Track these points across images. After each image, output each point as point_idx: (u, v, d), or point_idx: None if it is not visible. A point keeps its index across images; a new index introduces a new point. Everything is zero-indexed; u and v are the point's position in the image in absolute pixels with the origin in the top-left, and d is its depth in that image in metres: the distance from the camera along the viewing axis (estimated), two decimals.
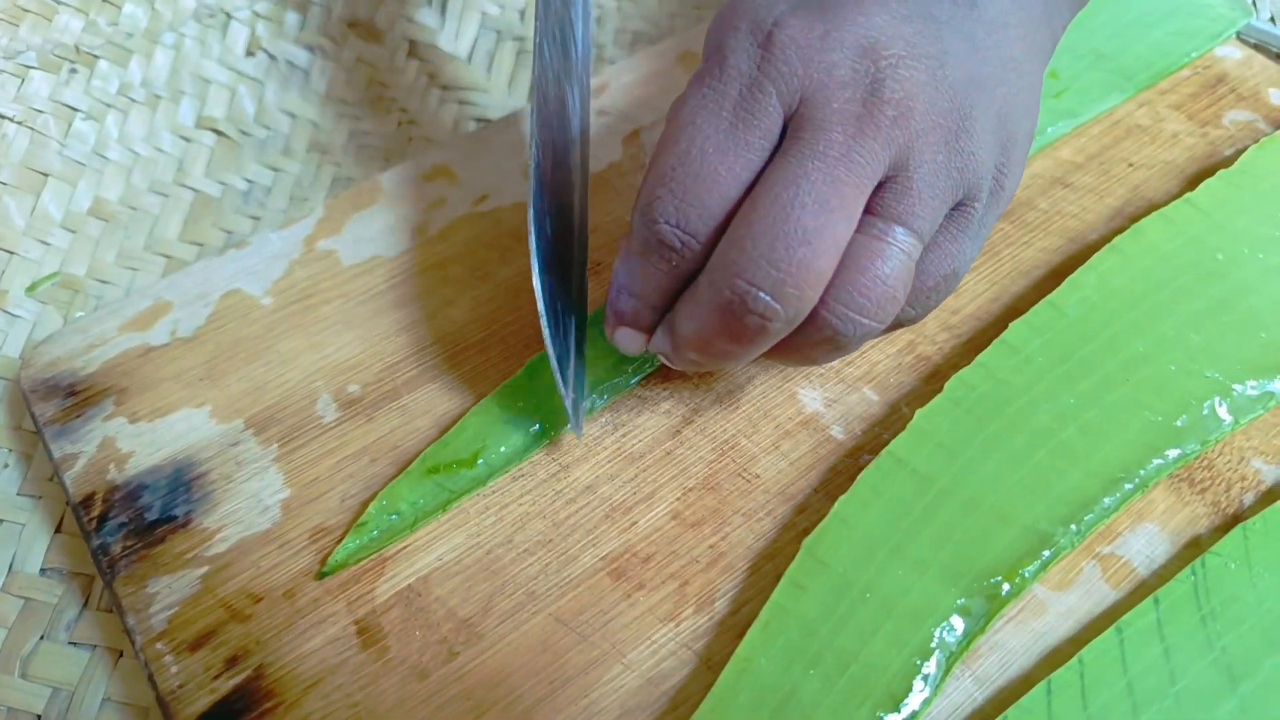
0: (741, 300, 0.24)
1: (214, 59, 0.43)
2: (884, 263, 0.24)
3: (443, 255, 0.36)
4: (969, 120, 0.25)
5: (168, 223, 0.40)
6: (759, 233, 0.24)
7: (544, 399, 0.32)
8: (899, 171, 0.25)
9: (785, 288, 0.24)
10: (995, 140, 0.26)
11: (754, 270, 0.24)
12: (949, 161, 0.25)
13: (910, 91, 0.24)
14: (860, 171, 0.24)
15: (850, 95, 0.24)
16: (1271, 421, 0.32)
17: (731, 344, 0.26)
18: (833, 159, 0.24)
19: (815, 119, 0.24)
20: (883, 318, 0.25)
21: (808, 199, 0.23)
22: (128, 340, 0.34)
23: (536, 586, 0.29)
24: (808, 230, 0.23)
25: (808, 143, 0.24)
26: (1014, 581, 0.28)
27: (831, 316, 0.25)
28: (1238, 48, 0.44)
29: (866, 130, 0.24)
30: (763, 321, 0.24)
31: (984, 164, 0.26)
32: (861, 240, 0.25)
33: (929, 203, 0.25)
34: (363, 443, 0.32)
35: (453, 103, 0.45)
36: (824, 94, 0.24)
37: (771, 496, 0.31)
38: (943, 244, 0.26)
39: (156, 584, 0.29)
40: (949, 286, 0.27)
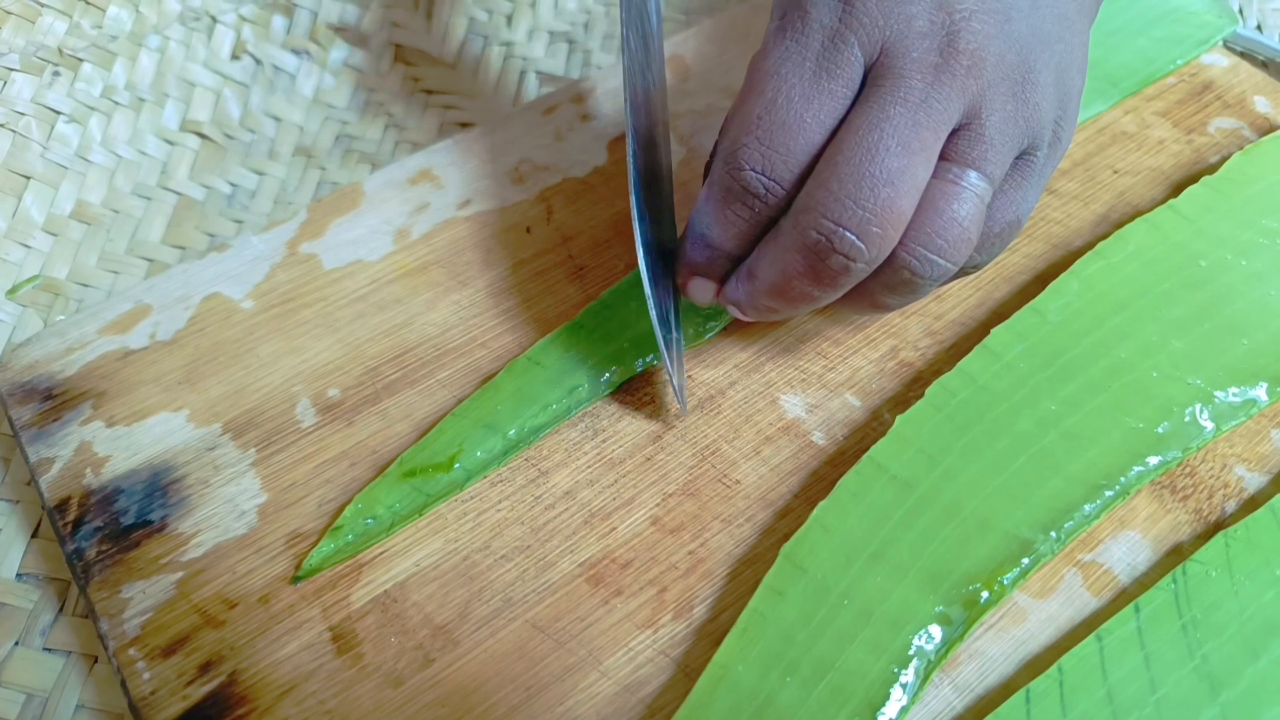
0: (828, 240, 0.25)
1: (199, 62, 0.43)
2: (960, 205, 0.26)
3: (425, 259, 0.36)
4: (1033, 73, 0.26)
5: (150, 226, 0.40)
6: (845, 174, 0.25)
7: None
8: (972, 119, 0.26)
9: (870, 227, 0.25)
10: (1055, 93, 0.27)
11: (840, 210, 0.25)
12: (1016, 111, 0.26)
13: (982, 43, 0.25)
14: (938, 117, 0.25)
15: (928, 45, 0.25)
16: (1254, 428, 0.32)
17: (814, 285, 0.26)
18: (913, 104, 0.25)
19: (896, 67, 0.25)
20: (957, 259, 0.26)
21: (891, 142, 0.25)
22: (107, 343, 0.34)
23: (514, 592, 0.29)
24: (891, 171, 0.24)
25: (889, 89, 0.25)
26: (993, 589, 0.27)
27: (910, 257, 0.26)
28: (1224, 55, 0.44)
29: (943, 78, 0.25)
30: (847, 261, 0.25)
31: (1046, 115, 0.27)
32: (938, 185, 0.26)
33: (1000, 149, 0.26)
34: (341, 447, 0.32)
35: (438, 107, 0.45)
36: (904, 44, 0.25)
37: (752, 502, 0.31)
38: (1008, 191, 0.27)
39: (130, 589, 0.29)
40: (1013, 233, 0.28)
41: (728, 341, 0.34)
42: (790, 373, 0.33)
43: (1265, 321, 0.32)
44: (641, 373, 0.33)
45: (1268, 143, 0.38)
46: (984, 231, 0.27)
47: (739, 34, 0.44)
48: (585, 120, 0.41)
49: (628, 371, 0.33)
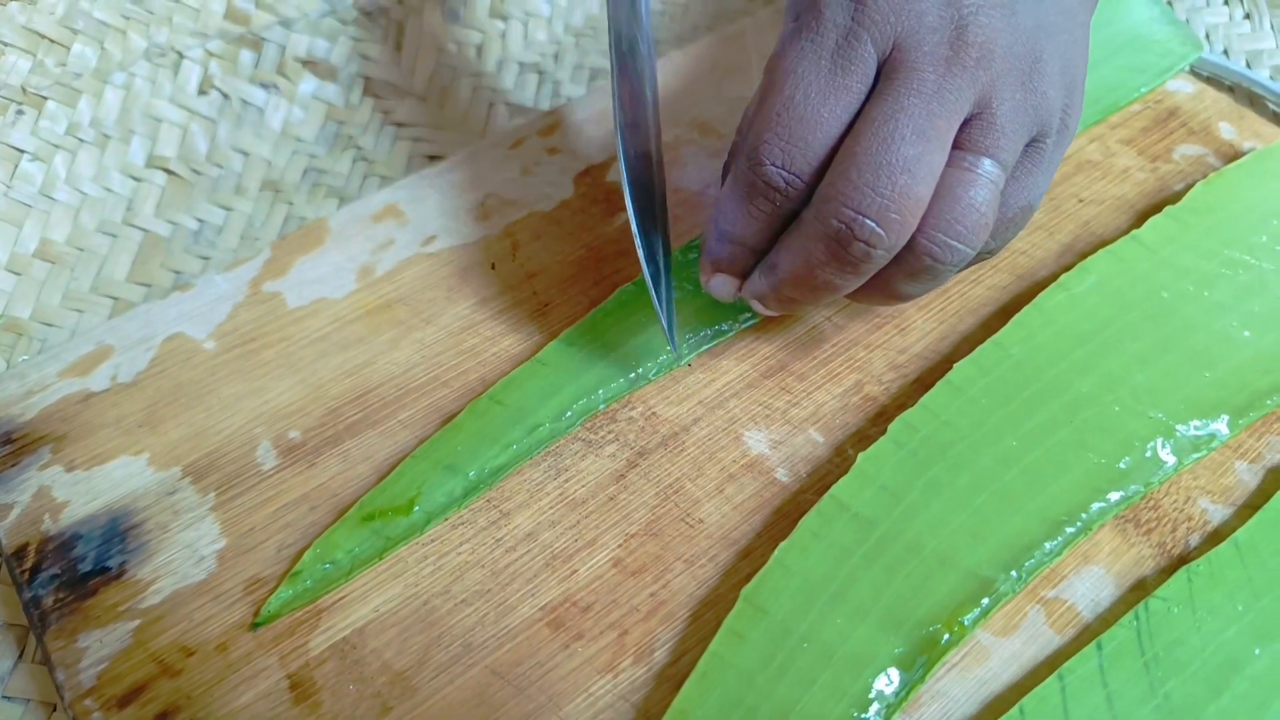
0: (849, 227, 0.26)
1: (165, 98, 0.43)
2: (976, 191, 0.27)
3: (389, 297, 0.36)
4: (1040, 63, 0.27)
5: (115, 264, 0.40)
6: (863, 164, 0.26)
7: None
8: (983, 109, 0.27)
9: (889, 213, 0.26)
10: (1062, 82, 0.28)
11: (860, 198, 0.26)
12: (1025, 100, 0.27)
13: (990, 36, 0.27)
14: (951, 106, 0.26)
15: (939, 39, 0.26)
16: (1219, 459, 0.32)
17: (837, 273, 0.27)
18: (927, 95, 0.26)
19: (908, 61, 0.26)
20: (975, 244, 0.27)
21: (907, 130, 0.26)
22: (67, 386, 0.34)
23: (473, 638, 0.29)
24: (908, 159, 0.26)
25: (903, 82, 0.26)
26: (954, 630, 0.27)
27: (931, 244, 0.27)
28: (1190, 81, 0.44)
29: (955, 70, 0.26)
30: (868, 248, 0.26)
31: (1054, 102, 0.28)
32: (953, 173, 0.27)
33: (1011, 136, 0.27)
34: (302, 490, 0.31)
35: (408, 140, 0.45)
36: (915, 38, 0.26)
37: (715, 542, 0.30)
38: (1020, 178, 0.28)
39: (87, 638, 0.29)
40: (1025, 218, 0.29)
41: (692, 378, 0.34)
42: (754, 408, 0.33)
43: (1227, 353, 0.32)
44: (604, 410, 0.33)
45: (1230, 171, 0.38)
46: (998, 218, 0.28)
47: (706, 67, 0.44)
48: (552, 154, 0.41)
49: (590, 408, 0.33)
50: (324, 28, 0.46)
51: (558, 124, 0.42)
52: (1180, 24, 0.44)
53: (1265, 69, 0.47)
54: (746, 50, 0.45)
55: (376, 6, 0.47)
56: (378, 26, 0.47)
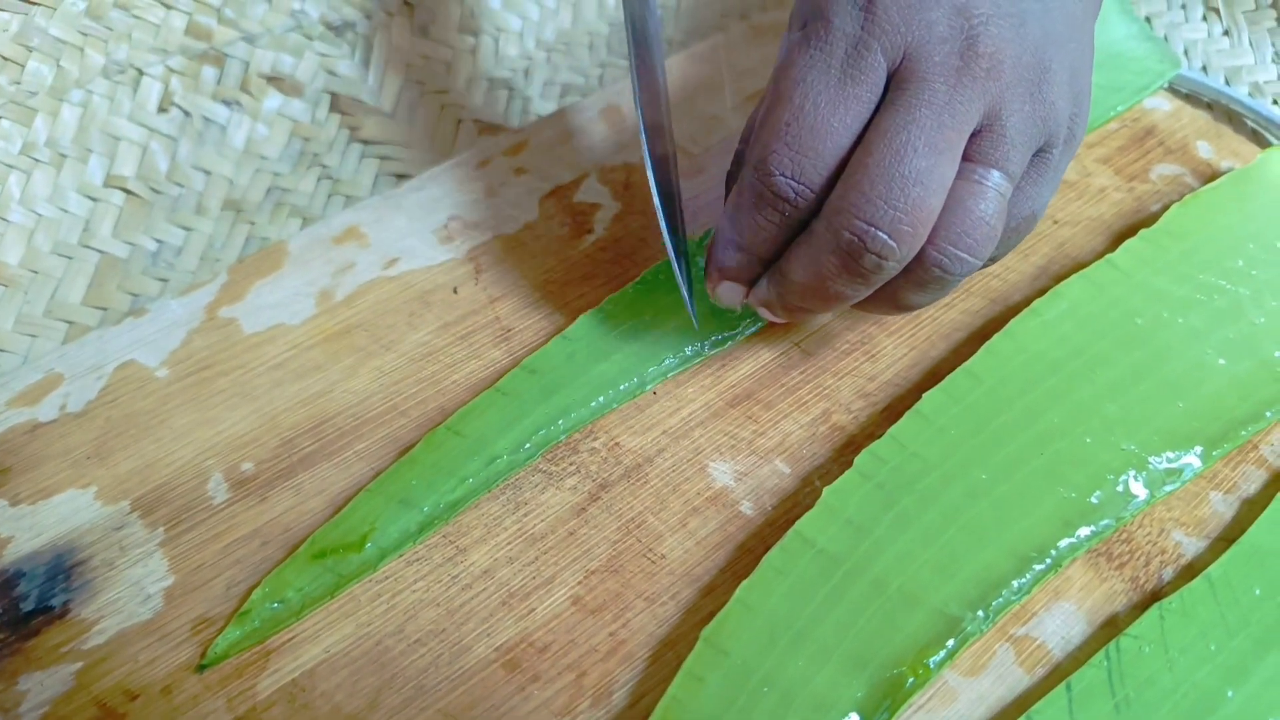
0: (861, 240, 0.26)
1: (124, 116, 0.42)
2: (985, 203, 0.27)
3: (348, 322, 0.35)
4: (1048, 73, 0.27)
5: (70, 286, 0.39)
6: (876, 176, 0.26)
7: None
8: (993, 120, 0.27)
9: (902, 226, 0.26)
10: (1070, 92, 0.28)
11: (873, 210, 0.26)
12: (1034, 111, 0.27)
13: (999, 47, 0.26)
14: (961, 118, 0.26)
15: (949, 50, 0.26)
16: (1193, 490, 0.31)
17: (847, 285, 0.27)
18: (938, 107, 0.26)
19: (919, 72, 0.26)
20: (983, 255, 0.27)
21: (919, 143, 0.26)
22: (15, 416, 0.33)
23: (426, 680, 0.28)
24: (920, 171, 0.26)
25: (915, 93, 0.26)
26: (918, 673, 0.27)
27: (941, 255, 0.27)
28: (1167, 99, 0.43)
29: (965, 81, 0.26)
30: (880, 260, 0.26)
31: (1062, 113, 0.28)
32: (962, 185, 0.27)
33: (1019, 148, 0.27)
34: (253, 525, 0.31)
35: (374, 158, 0.44)
36: (925, 49, 0.26)
37: (677, 578, 0.30)
38: (1025, 188, 0.28)
39: (28, 681, 0.28)
40: (1029, 227, 0.29)
41: (656, 406, 0.33)
42: (719, 438, 0.32)
43: (1201, 382, 0.32)
44: (565, 440, 0.32)
45: (1206, 193, 0.37)
46: (1004, 226, 0.28)
47: (677, 84, 0.43)
48: (519, 174, 0.40)
49: (551, 438, 0.32)
50: (289, 43, 0.45)
51: (525, 143, 0.41)
52: (1158, 41, 0.43)
53: (1244, 86, 0.46)
54: (719, 67, 0.45)
55: (344, 21, 0.46)
56: (345, 41, 0.46)
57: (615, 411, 0.33)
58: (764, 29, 0.46)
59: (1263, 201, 0.37)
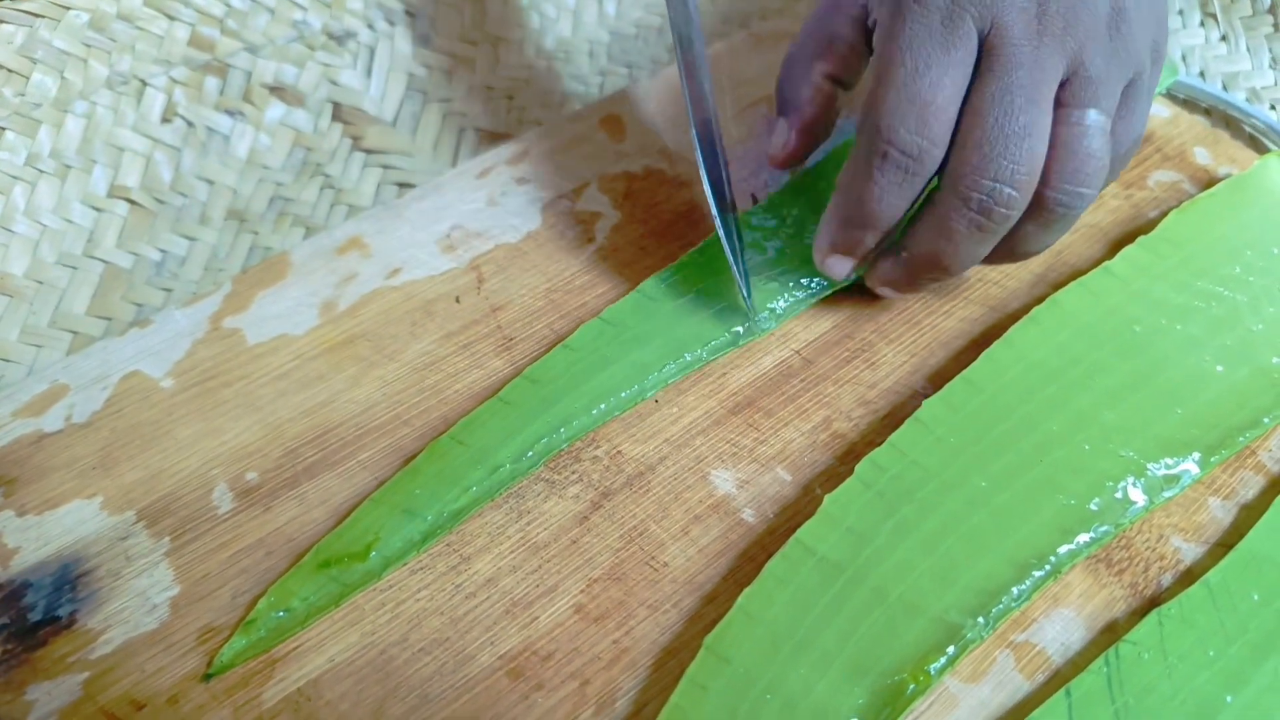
0: (989, 196, 0.29)
1: (128, 126, 0.42)
2: (1090, 141, 0.30)
3: (351, 332, 0.35)
4: (1124, 12, 0.30)
5: (75, 297, 0.39)
6: (992, 136, 0.29)
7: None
8: (1078, 68, 0.29)
9: (1019, 176, 0.29)
10: (1150, 19, 0.31)
11: (995, 168, 0.29)
12: (1115, 51, 0.30)
13: (1071, 5, 0.29)
14: (1049, 72, 0.29)
15: (1028, 16, 0.29)
16: (1192, 496, 0.32)
17: (980, 242, 0.30)
18: (1028, 66, 0.29)
19: (1007, 38, 0.29)
20: (1097, 185, 0.30)
21: (1020, 100, 0.29)
22: (21, 427, 0.33)
23: (431, 689, 0.28)
24: (1027, 125, 0.29)
25: (1006, 57, 0.29)
26: (919, 680, 0.27)
27: (1060, 195, 0.30)
28: (1165, 105, 0.43)
29: (1046, 40, 0.29)
30: (1007, 212, 0.29)
31: (1143, 44, 0.30)
32: (1063, 129, 0.29)
33: (1108, 84, 0.30)
34: (258, 535, 0.31)
35: (376, 167, 0.44)
36: (1008, 18, 0.29)
37: (679, 586, 0.30)
38: (1125, 117, 0.31)
39: (36, 691, 0.28)
40: (1136, 149, 0.32)
41: (658, 414, 0.33)
42: (721, 446, 0.33)
43: (1199, 389, 0.32)
44: (568, 449, 0.32)
45: (1203, 200, 0.37)
46: (1113, 155, 0.31)
47: (678, 92, 0.43)
48: (520, 184, 0.40)
49: (553, 446, 0.32)
50: (291, 53, 0.45)
51: (526, 152, 0.41)
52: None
53: (1242, 91, 0.47)
54: (721, 75, 0.45)
55: (346, 31, 0.46)
56: (347, 51, 0.46)
57: (617, 420, 0.33)
58: (764, 37, 0.47)
59: (1260, 208, 0.37)
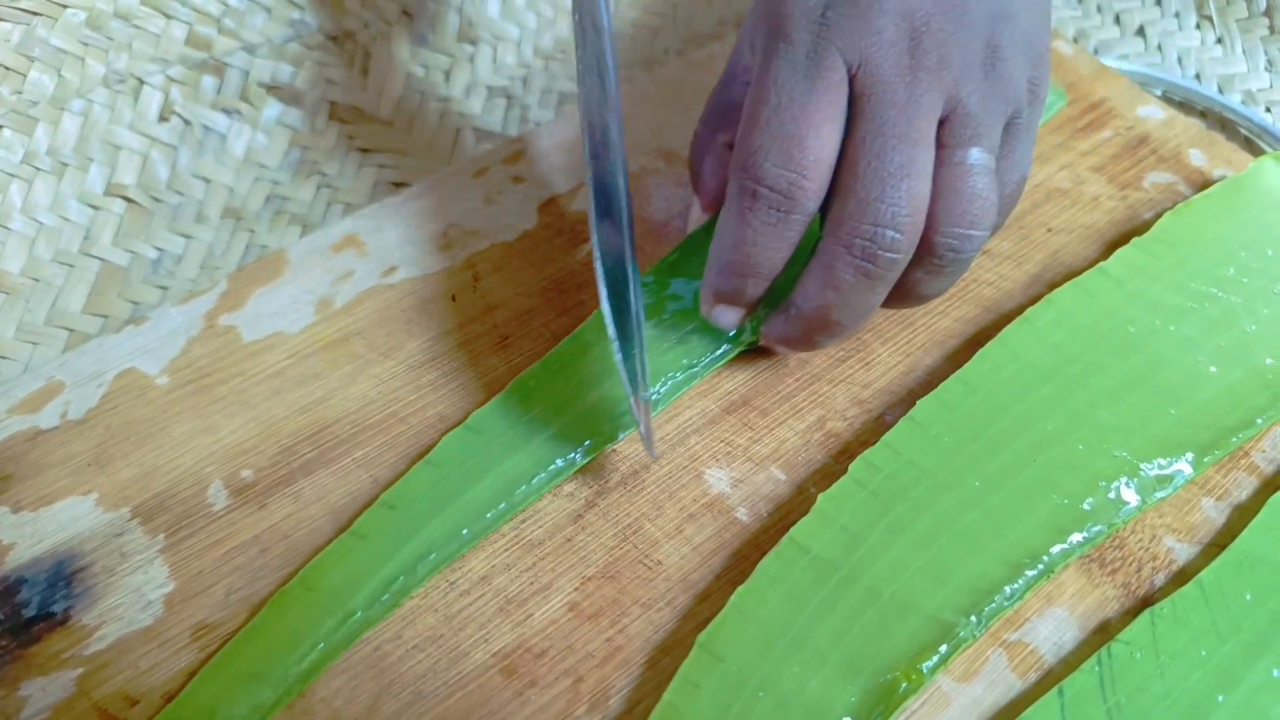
0: (872, 241, 0.28)
1: (125, 125, 0.42)
2: (975, 180, 0.28)
3: (347, 330, 0.35)
4: (999, 50, 0.29)
5: (71, 295, 0.39)
6: (867, 179, 0.27)
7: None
8: (955, 105, 0.29)
9: (901, 217, 0.27)
10: (1026, 59, 0.30)
11: (875, 211, 0.27)
12: (992, 88, 0.29)
13: (944, 39, 0.28)
14: (924, 110, 0.28)
15: (899, 52, 0.28)
16: (1185, 497, 0.32)
17: (868, 290, 0.29)
18: (901, 104, 0.28)
19: (877, 76, 0.28)
20: (986, 226, 0.29)
21: (894, 139, 0.28)
22: (17, 423, 0.33)
23: (424, 686, 0.28)
24: (902, 164, 0.27)
25: (878, 98, 0.28)
26: (912, 678, 0.27)
27: (949, 239, 0.28)
28: (1160, 108, 0.44)
29: (919, 76, 0.28)
30: (893, 256, 0.28)
31: (1020, 82, 0.30)
32: (946, 170, 0.28)
33: (987, 122, 0.29)
34: (253, 532, 0.31)
35: (373, 166, 0.44)
36: (878, 54, 0.28)
37: (673, 585, 0.30)
38: (1008, 155, 0.30)
39: (29, 687, 0.28)
40: (1021, 189, 0.31)
41: (652, 414, 0.33)
42: (715, 445, 0.33)
43: (1193, 390, 0.32)
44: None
45: (1198, 201, 0.37)
46: (999, 195, 0.30)
47: (674, 93, 0.43)
48: (516, 182, 0.40)
49: (411, 585, 0.29)
50: (288, 53, 0.45)
51: (522, 152, 0.41)
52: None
53: (1237, 94, 0.47)
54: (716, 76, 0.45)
55: (342, 31, 0.46)
56: (344, 51, 0.46)
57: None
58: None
59: (1255, 209, 0.37)
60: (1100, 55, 0.48)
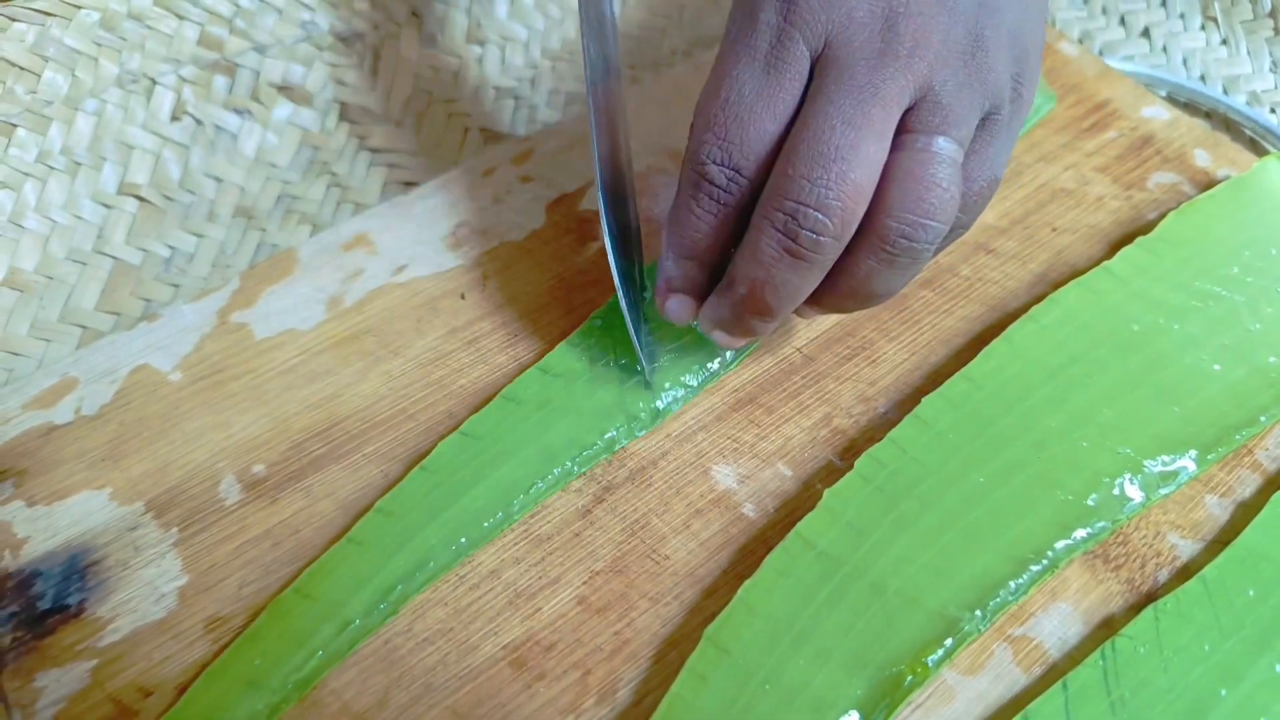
0: (793, 217, 0.27)
1: (137, 124, 0.42)
2: (935, 168, 0.27)
3: (357, 328, 0.36)
4: (983, 40, 0.28)
5: (84, 292, 0.40)
6: (799, 158, 0.27)
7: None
8: (926, 93, 0.27)
9: (830, 200, 0.27)
10: (1010, 55, 0.29)
11: (799, 189, 0.27)
12: (969, 79, 0.28)
13: (923, 24, 0.27)
14: (884, 95, 0.27)
15: (869, 34, 0.27)
16: (1188, 494, 0.32)
17: (792, 270, 0.28)
18: (857, 86, 0.27)
19: (839, 58, 0.27)
20: (944, 218, 0.27)
21: (836, 122, 0.27)
22: (31, 419, 0.34)
23: (434, 678, 0.28)
24: (840, 147, 0.26)
25: (834, 78, 0.27)
26: (917, 672, 0.27)
27: (900, 224, 0.27)
28: (1165, 108, 0.44)
29: (887, 61, 0.27)
30: (815, 236, 0.27)
31: (1002, 77, 0.29)
32: (907, 155, 0.27)
33: (959, 113, 0.28)
34: (265, 526, 0.31)
35: (383, 166, 0.45)
36: (845, 35, 0.27)
37: (680, 579, 0.30)
38: (979, 151, 0.29)
39: (45, 678, 0.29)
40: (991, 191, 0.30)
41: None
42: (722, 442, 0.33)
43: (1196, 388, 0.32)
44: None
45: (1202, 201, 0.38)
46: (964, 192, 0.29)
47: (682, 94, 0.44)
48: (525, 182, 0.41)
49: (410, 592, 0.29)
50: (299, 53, 0.46)
51: (530, 151, 0.42)
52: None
53: (1242, 95, 0.47)
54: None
55: (352, 31, 0.47)
56: (354, 51, 0.47)
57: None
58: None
59: (1259, 209, 0.37)
60: (1105, 56, 0.49)
